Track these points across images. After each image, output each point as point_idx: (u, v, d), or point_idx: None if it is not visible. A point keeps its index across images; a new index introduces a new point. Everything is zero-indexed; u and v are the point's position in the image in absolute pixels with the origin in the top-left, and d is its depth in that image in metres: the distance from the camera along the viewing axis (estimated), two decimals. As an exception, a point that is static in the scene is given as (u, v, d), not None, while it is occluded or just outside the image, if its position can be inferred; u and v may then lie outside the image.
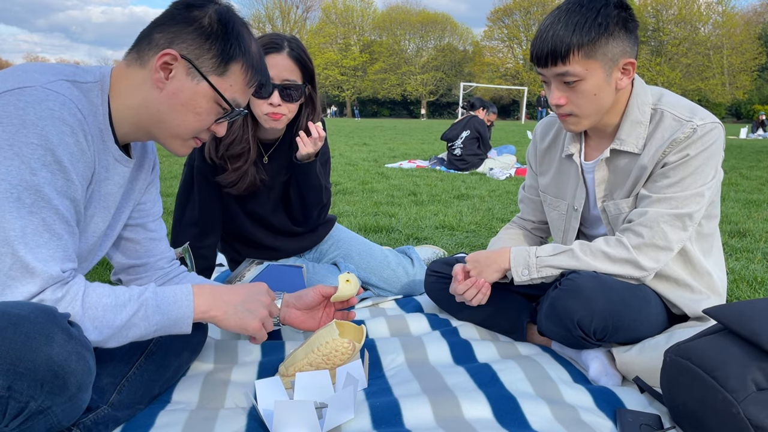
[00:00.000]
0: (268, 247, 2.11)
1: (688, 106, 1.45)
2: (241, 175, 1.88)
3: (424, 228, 3.55)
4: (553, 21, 1.38)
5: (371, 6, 66.16)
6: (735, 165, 8.19)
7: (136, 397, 1.26)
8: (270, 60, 1.76)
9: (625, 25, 1.38)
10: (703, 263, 1.52)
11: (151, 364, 1.32)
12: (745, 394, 1.09)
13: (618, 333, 1.45)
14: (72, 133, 1.02)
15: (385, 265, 2.18)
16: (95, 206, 1.17)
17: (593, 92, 1.40)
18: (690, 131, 1.39)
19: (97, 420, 1.15)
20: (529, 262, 1.54)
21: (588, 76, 1.38)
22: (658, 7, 50.95)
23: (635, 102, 1.47)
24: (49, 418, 0.96)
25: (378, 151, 9.94)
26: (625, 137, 1.48)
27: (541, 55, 1.40)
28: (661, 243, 1.44)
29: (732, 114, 52.53)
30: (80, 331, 1.00)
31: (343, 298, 1.52)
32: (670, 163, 1.42)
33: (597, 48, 1.36)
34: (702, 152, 1.40)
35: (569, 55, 1.36)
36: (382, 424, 1.25)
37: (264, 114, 1.79)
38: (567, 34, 1.35)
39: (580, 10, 1.36)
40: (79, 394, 0.98)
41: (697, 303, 1.50)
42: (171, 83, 1.11)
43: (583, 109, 1.44)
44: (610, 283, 1.44)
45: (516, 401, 1.32)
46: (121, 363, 1.28)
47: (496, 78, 55.59)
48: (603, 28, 1.35)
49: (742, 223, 3.82)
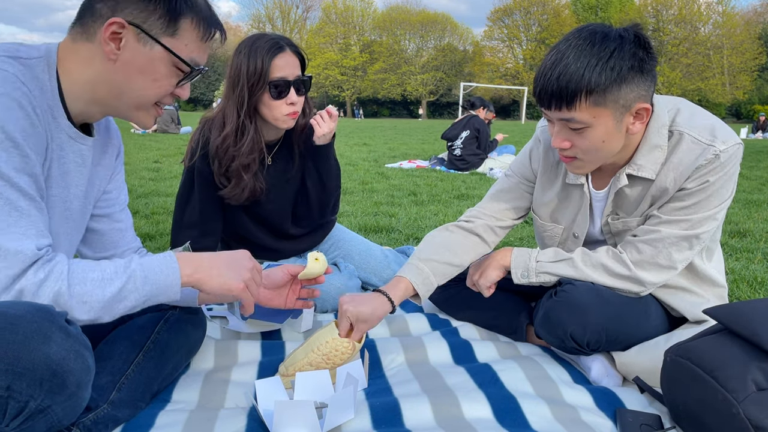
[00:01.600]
0: (269, 249, 2.11)
1: (707, 127, 1.33)
2: (243, 187, 1.88)
3: (424, 228, 3.55)
4: (560, 58, 1.22)
5: (371, 6, 66.16)
6: (735, 165, 8.18)
7: (136, 394, 1.26)
8: (280, 60, 1.78)
9: (641, 66, 1.22)
10: (706, 269, 1.50)
11: (149, 362, 1.31)
12: (745, 394, 1.09)
13: (612, 345, 1.45)
14: (20, 107, 0.99)
15: (385, 265, 2.18)
16: (55, 185, 1.13)
17: (601, 140, 1.28)
18: (712, 157, 1.29)
19: (96, 419, 1.15)
20: (529, 266, 1.52)
21: (596, 124, 1.25)
22: (658, 7, 50.94)
23: (654, 125, 1.34)
24: (50, 417, 0.96)
25: (378, 151, 9.94)
26: (642, 162, 1.36)
27: (543, 96, 1.26)
28: (665, 263, 1.39)
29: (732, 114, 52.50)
30: (78, 329, 0.99)
31: (311, 275, 1.51)
32: (688, 189, 1.33)
33: (608, 95, 1.21)
34: (722, 177, 1.32)
35: (575, 102, 1.22)
36: (382, 424, 1.25)
37: (284, 115, 1.80)
38: (574, 78, 1.20)
39: (591, 50, 1.20)
40: (79, 392, 0.98)
41: (698, 307, 1.49)
42: (123, 53, 1.07)
43: (588, 156, 1.32)
44: (607, 296, 1.42)
45: (516, 401, 1.32)
46: (120, 361, 1.27)
47: (496, 78, 55.59)
48: (616, 73, 1.20)
49: (742, 223, 3.82)
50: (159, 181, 5.50)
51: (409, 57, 61.87)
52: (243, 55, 1.78)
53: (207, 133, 1.88)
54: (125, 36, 1.06)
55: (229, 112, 1.83)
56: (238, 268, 1.20)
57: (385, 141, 13.17)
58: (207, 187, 1.91)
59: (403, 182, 5.80)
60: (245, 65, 1.77)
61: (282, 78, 1.77)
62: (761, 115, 19.65)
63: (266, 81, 1.76)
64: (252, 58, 1.76)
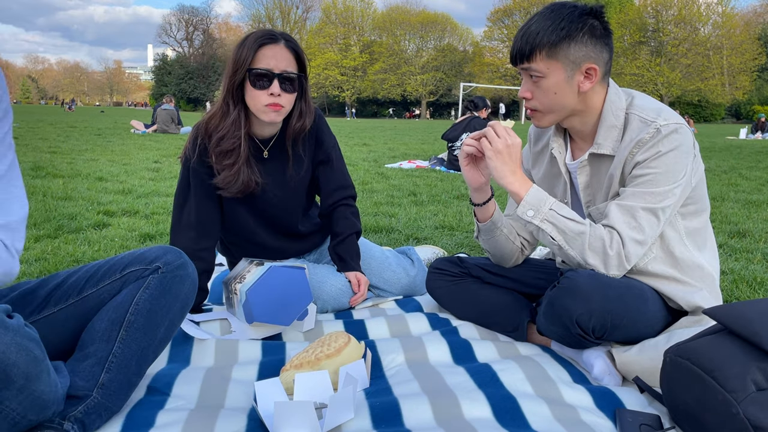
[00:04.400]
0: (271, 248, 2.10)
1: (654, 108, 1.51)
2: (234, 175, 1.87)
3: (424, 228, 3.56)
4: (527, 24, 1.52)
5: (371, 6, 66.17)
6: (735, 165, 8.19)
7: (129, 370, 1.23)
8: (268, 50, 1.78)
9: (592, 32, 1.48)
10: (692, 257, 1.55)
11: (136, 332, 1.26)
12: (745, 394, 1.09)
13: (617, 331, 1.46)
14: None
15: (385, 266, 2.18)
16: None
17: (553, 90, 1.51)
18: (654, 131, 1.45)
19: (87, 410, 1.14)
20: (541, 208, 1.51)
21: (549, 74, 1.49)
22: (657, 8, 50.95)
23: (610, 108, 1.54)
24: (7, 413, 0.95)
25: (378, 152, 9.94)
26: (602, 141, 1.55)
27: (512, 54, 1.55)
28: (639, 237, 1.47)
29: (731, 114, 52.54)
30: (20, 321, 0.97)
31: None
32: (642, 161, 1.47)
33: (559, 50, 1.47)
34: (672, 150, 1.45)
35: (533, 54, 1.49)
36: (382, 424, 1.25)
37: (264, 105, 1.79)
38: (533, 36, 1.48)
39: (550, 15, 1.49)
40: (30, 384, 0.96)
41: (690, 295, 1.52)
42: None
43: (544, 105, 1.54)
44: (607, 281, 1.45)
45: (516, 401, 1.32)
46: (102, 342, 1.23)
47: (496, 78, 55.58)
48: (565, 32, 1.46)
49: (742, 223, 3.82)
50: (159, 181, 5.50)
51: (409, 57, 61.88)
52: (238, 44, 1.83)
53: (202, 132, 1.88)
54: None
55: (220, 97, 1.88)
56: None
57: (384, 141, 13.18)
58: (203, 188, 1.91)
59: (403, 182, 5.80)
60: (235, 52, 1.81)
61: (266, 69, 1.77)
62: (761, 116, 19.66)
63: (246, 68, 1.78)
64: (243, 45, 1.81)
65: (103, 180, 5.45)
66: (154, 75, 78.24)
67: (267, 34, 1.81)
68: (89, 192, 4.69)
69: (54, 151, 8.19)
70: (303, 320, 1.81)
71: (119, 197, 4.51)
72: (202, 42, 76.88)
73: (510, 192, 1.54)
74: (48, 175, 5.60)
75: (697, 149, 1.53)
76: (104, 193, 4.70)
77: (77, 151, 8.24)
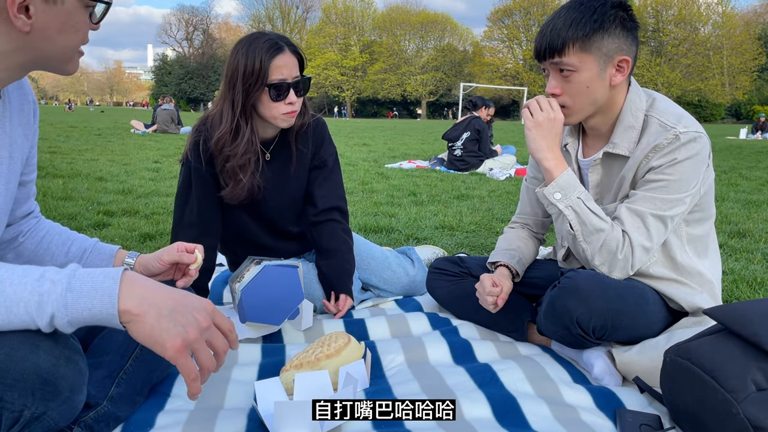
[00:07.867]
0: (269, 249, 2.10)
1: (675, 113, 1.48)
2: (242, 188, 1.87)
3: (424, 228, 3.55)
4: (553, 18, 1.48)
5: (371, 6, 66.18)
6: (735, 165, 8.19)
7: (135, 388, 1.25)
8: (279, 61, 1.75)
9: (623, 23, 1.44)
10: (692, 264, 1.54)
11: (148, 354, 1.28)
12: (745, 394, 1.09)
13: (617, 331, 1.46)
14: None
15: (385, 266, 2.18)
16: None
17: (586, 84, 1.47)
18: (672, 137, 1.42)
19: (98, 417, 1.15)
20: (570, 194, 1.50)
21: (582, 68, 1.45)
22: (657, 8, 50.97)
23: (629, 107, 1.51)
24: (46, 422, 0.96)
25: (378, 152, 9.95)
26: (618, 141, 1.52)
27: (540, 49, 1.49)
28: (647, 244, 1.46)
29: (732, 114, 52.53)
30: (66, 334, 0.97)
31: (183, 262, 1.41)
32: (657, 167, 1.44)
33: (592, 42, 1.43)
34: (688, 159, 1.43)
35: (565, 48, 1.44)
36: (382, 424, 1.25)
37: (283, 114, 1.79)
38: (564, 29, 1.44)
39: (578, 8, 1.45)
40: (73, 396, 0.97)
41: (691, 296, 1.52)
42: (36, 20, 0.99)
43: (575, 101, 1.50)
44: (608, 281, 1.45)
45: (516, 401, 1.32)
46: (117, 355, 1.26)
47: (496, 78, 55.60)
48: (598, 24, 1.42)
49: (742, 223, 3.82)
50: (159, 181, 5.50)
51: (409, 57, 61.90)
52: (241, 54, 1.75)
53: (203, 131, 1.88)
54: (32, 3, 0.98)
55: (225, 111, 1.81)
56: (185, 322, 0.92)
57: (384, 141, 13.18)
58: (204, 187, 1.91)
59: (403, 182, 5.80)
60: (242, 65, 1.74)
61: (281, 80, 1.75)
62: (761, 115, 19.65)
63: (264, 82, 1.74)
64: (250, 57, 1.73)
65: (103, 180, 5.45)
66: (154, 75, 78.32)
67: (274, 44, 1.75)
68: (89, 192, 4.69)
69: (54, 151, 8.19)
70: (294, 319, 1.81)
71: (119, 197, 4.51)
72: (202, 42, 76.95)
73: (543, 168, 1.53)
74: (48, 175, 5.60)
75: (710, 158, 1.51)
76: (104, 193, 4.70)
77: (77, 151, 8.24)
